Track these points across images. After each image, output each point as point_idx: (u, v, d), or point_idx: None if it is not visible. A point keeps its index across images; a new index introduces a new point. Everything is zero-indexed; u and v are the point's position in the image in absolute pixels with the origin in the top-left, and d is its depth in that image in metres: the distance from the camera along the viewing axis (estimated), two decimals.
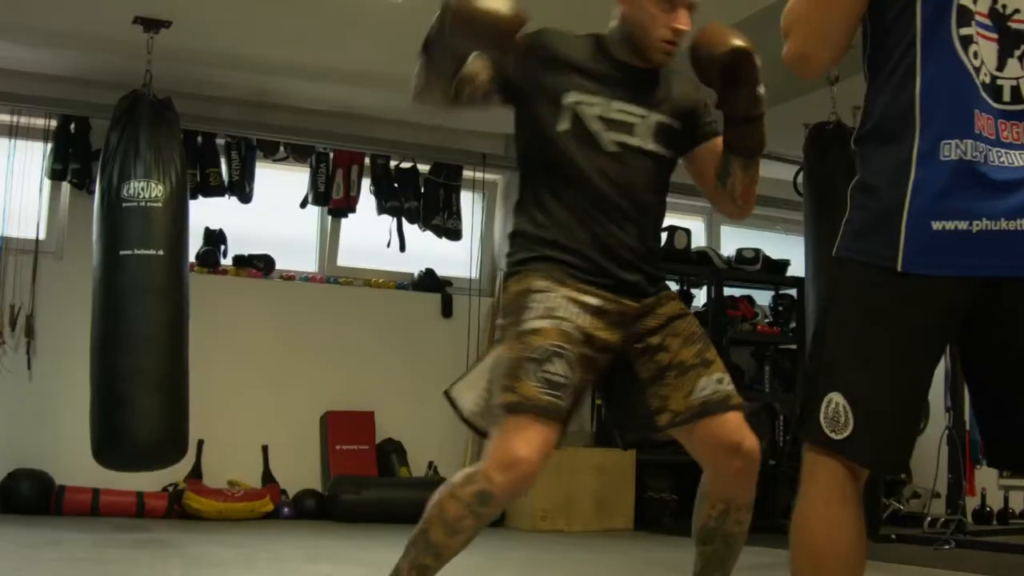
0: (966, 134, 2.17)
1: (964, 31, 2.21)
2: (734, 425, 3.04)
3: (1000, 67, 2.22)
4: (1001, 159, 2.18)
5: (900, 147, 2.22)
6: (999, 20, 2.23)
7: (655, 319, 3.11)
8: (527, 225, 3.16)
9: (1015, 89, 2.22)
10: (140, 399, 6.11)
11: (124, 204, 6.22)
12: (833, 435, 2.24)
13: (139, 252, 6.20)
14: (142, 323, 6.18)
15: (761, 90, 3.00)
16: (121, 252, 6.20)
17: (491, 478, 2.84)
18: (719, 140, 3.19)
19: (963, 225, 2.15)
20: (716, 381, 3.06)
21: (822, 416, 2.26)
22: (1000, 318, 2.24)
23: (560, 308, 2.98)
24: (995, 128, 2.19)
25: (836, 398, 2.25)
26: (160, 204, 6.26)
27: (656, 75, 3.18)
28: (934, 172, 2.17)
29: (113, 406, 6.10)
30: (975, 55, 2.20)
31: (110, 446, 6.14)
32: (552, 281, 3.02)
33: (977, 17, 2.21)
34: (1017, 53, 2.23)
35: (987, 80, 2.20)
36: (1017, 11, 2.24)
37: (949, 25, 2.21)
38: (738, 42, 2.96)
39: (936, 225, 2.16)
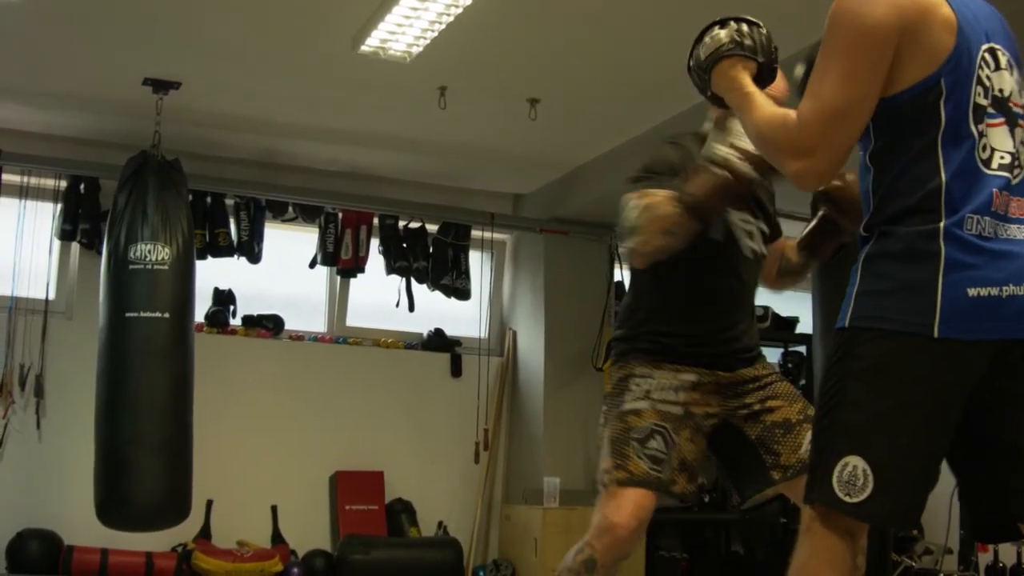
0: (985, 211, 2.29)
1: (980, 126, 2.34)
2: None
3: (1011, 148, 2.37)
4: (1008, 232, 2.32)
5: (926, 225, 2.30)
6: (1001, 106, 2.38)
7: (756, 385, 3.41)
8: (638, 315, 3.48)
9: (1019, 167, 2.38)
10: (143, 461, 6.11)
11: (131, 266, 6.24)
12: (847, 498, 2.29)
13: (144, 315, 6.21)
14: (146, 386, 6.18)
15: None
16: (127, 314, 6.21)
17: (593, 545, 3.24)
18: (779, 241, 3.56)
19: (995, 291, 2.26)
20: None
21: (835, 479, 2.30)
22: (1004, 378, 2.35)
23: (657, 390, 3.33)
24: (1007, 204, 2.33)
25: (855, 461, 2.29)
26: (166, 267, 6.28)
27: None
28: (962, 244, 2.27)
29: (116, 468, 6.10)
30: (991, 140, 2.35)
31: (113, 507, 6.14)
32: (650, 366, 3.37)
33: (988, 110, 2.35)
34: (1019, 135, 2.40)
35: (1006, 161, 2.36)
36: (1012, 93, 2.41)
37: (968, 120, 2.34)
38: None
39: (972, 292, 2.25)
